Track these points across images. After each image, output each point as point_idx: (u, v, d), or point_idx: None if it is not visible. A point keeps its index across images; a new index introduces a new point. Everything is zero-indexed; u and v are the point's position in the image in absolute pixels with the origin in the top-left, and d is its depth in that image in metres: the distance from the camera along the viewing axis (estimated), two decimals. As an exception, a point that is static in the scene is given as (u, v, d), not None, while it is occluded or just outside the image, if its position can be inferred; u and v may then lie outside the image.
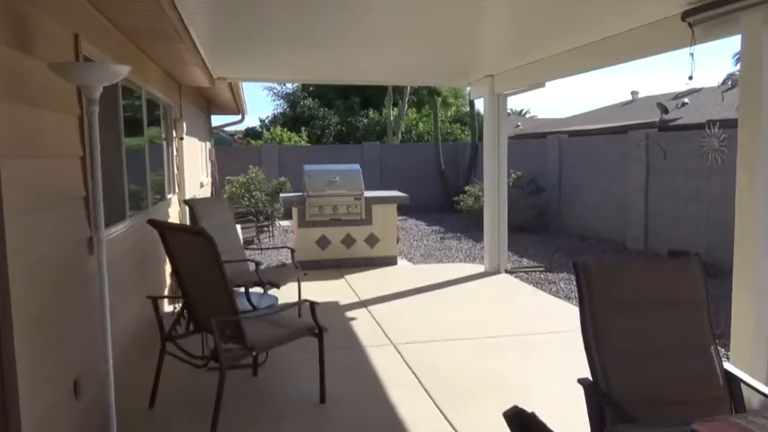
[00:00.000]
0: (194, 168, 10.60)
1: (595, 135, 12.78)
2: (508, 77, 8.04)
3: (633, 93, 27.63)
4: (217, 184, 14.88)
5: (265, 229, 12.77)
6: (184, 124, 8.47)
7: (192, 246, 3.86)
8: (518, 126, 34.53)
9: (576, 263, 2.61)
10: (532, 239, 11.37)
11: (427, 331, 5.77)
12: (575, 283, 2.82)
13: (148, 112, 6.37)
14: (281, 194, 9.57)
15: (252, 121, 34.28)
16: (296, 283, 6.18)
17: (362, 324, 6.02)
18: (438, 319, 6.21)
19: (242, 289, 5.89)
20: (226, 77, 8.61)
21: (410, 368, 4.82)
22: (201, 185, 11.74)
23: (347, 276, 8.32)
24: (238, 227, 8.17)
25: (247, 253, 7.44)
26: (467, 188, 13.71)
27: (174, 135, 8.29)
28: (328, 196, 8.90)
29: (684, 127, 10.87)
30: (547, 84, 7.95)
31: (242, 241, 8.83)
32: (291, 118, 25.22)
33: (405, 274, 8.64)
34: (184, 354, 4.00)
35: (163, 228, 3.98)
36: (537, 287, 7.74)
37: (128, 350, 4.65)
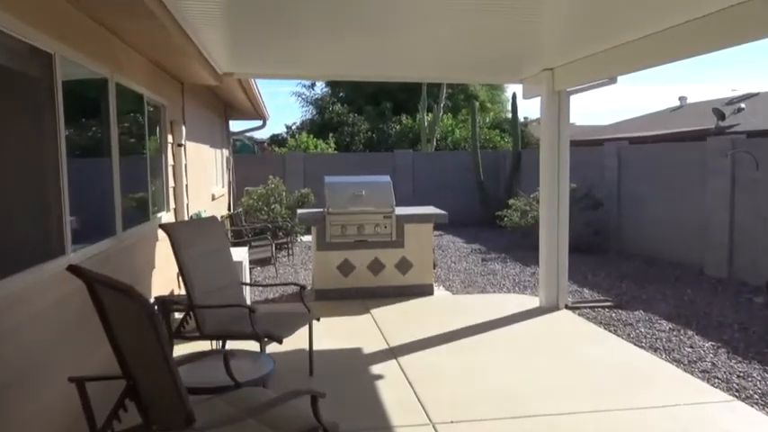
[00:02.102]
0: (202, 179, 9.34)
1: (662, 142, 11.16)
2: (572, 71, 6.56)
3: (681, 98, 26.06)
4: (234, 196, 13.66)
5: (285, 246, 11.45)
6: (184, 128, 7.19)
7: (124, 309, 2.49)
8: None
9: None
10: (590, 263, 9.79)
11: (480, 401, 4.30)
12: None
13: (126, 111, 5.08)
14: (299, 210, 8.21)
15: (278, 127, 33.23)
16: (306, 330, 4.78)
17: (391, 388, 4.59)
18: (491, 380, 4.74)
19: (234, 342, 4.54)
20: (233, 73, 7.31)
21: (458, 470, 3.39)
22: (213, 198, 10.48)
23: (374, 311, 6.90)
24: (243, 250, 6.83)
25: (253, 281, 6.15)
26: (511, 201, 12.18)
27: (171, 140, 7.02)
28: (352, 213, 7.50)
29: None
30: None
31: (249, 265, 7.50)
32: (319, 124, 23.99)
33: (444, 308, 7.18)
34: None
35: (90, 279, 2.62)
36: (609, 330, 6.21)
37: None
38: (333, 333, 5.97)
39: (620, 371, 4.89)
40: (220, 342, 4.73)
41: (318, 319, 4.82)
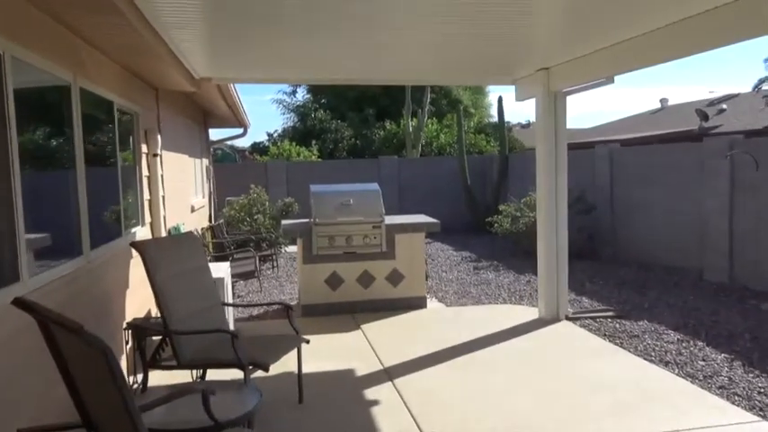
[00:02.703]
0: (181, 190, 8.90)
1: (655, 144, 10.93)
2: (569, 70, 6.26)
3: (662, 100, 26.20)
4: (215, 207, 13.20)
5: (269, 258, 11.01)
6: (159, 137, 6.76)
7: (78, 349, 2.09)
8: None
9: None
10: (586, 270, 9.49)
11: (487, 430, 3.94)
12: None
13: (93, 119, 4.67)
14: (284, 222, 7.80)
15: (260, 135, 32.73)
16: (294, 352, 4.37)
17: (388, 416, 4.20)
18: (496, 403, 4.38)
19: (217, 368, 4.14)
20: (211, 78, 6.90)
21: None
22: (193, 210, 10.03)
23: (365, 326, 6.52)
24: (224, 265, 6.41)
25: (236, 296, 5.66)
26: (501, 207, 11.86)
27: (146, 150, 6.59)
28: (340, 224, 7.12)
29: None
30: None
31: (231, 280, 7.11)
32: (302, 132, 23.56)
33: (439, 322, 6.81)
34: None
35: (41, 315, 2.21)
36: (615, 343, 5.88)
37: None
38: (322, 353, 5.58)
39: (634, 389, 4.55)
40: (201, 371, 4.32)
41: (308, 342, 4.43)
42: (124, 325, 4.80)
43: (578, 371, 5.00)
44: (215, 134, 14.33)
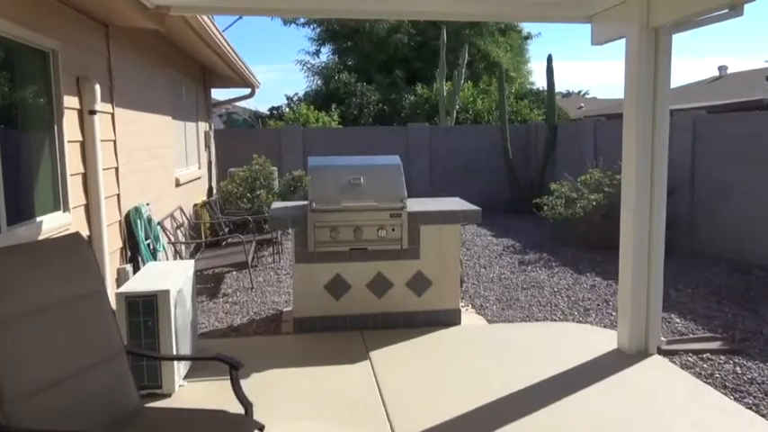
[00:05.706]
0: (156, 159, 7.14)
1: (752, 110, 8.74)
2: (680, -6, 4.23)
3: (721, 68, 24.11)
4: (216, 179, 11.46)
5: (272, 242, 9.23)
6: (98, 88, 4.93)
7: None
8: (581, 107, 30.20)
9: None
10: (665, 270, 7.45)
11: None
12: None
13: None
14: (273, 205, 5.97)
15: (280, 99, 30.78)
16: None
17: None
18: None
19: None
20: (170, 6, 5.02)
21: None
22: (179, 184, 8.27)
23: (375, 354, 4.70)
24: (183, 265, 4.59)
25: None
26: (553, 187, 9.82)
27: (79, 105, 4.80)
28: (346, 211, 5.25)
29: None
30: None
31: (194, 286, 5.32)
32: (325, 95, 21.55)
33: (477, 351, 4.91)
34: None
35: None
36: (744, 402, 3.95)
37: None
38: (308, 402, 3.78)
39: None
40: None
41: (261, 428, 2.60)
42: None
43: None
44: (220, 95, 12.55)
